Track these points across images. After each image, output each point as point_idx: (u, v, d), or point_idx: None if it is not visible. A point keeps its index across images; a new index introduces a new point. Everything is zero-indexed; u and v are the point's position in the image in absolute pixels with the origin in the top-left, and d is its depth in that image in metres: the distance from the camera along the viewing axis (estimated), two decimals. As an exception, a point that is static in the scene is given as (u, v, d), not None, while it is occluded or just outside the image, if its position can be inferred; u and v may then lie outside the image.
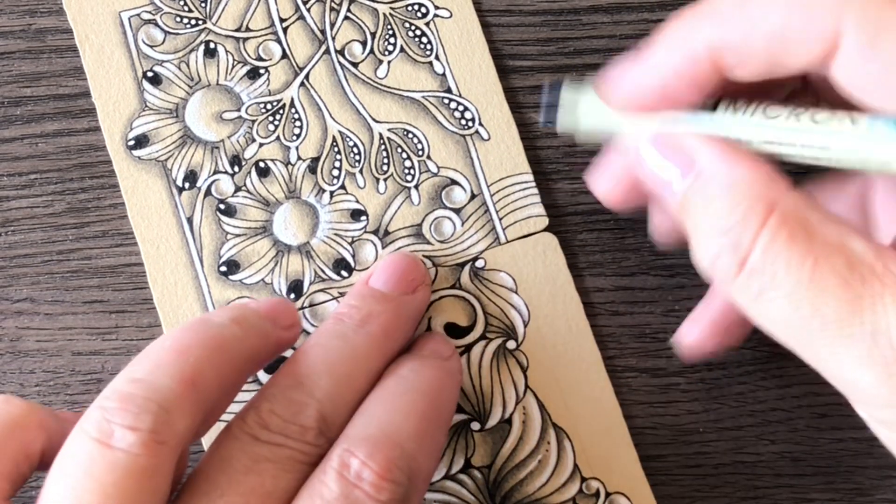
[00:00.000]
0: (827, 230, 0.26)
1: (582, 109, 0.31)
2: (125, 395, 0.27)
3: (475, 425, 0.37)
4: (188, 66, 0.40)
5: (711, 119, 0.29)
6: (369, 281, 0.36)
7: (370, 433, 0.30)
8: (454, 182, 0.39)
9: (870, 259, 0.25)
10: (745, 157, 0.28)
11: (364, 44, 0.40)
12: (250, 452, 0.29)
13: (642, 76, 0.30)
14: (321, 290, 0.38)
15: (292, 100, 0.40)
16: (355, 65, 0.40)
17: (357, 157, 0.39)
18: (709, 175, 0.28)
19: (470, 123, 0.40)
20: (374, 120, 0.40)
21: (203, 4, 0.40)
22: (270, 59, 0.40)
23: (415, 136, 0.40)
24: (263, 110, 0.40)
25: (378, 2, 0.41)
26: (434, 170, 0.39)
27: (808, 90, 0.32)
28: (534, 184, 0.39)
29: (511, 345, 0.38)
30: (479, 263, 0.39)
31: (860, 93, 0.27)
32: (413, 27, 0.41)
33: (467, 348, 0.38)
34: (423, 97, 0.40)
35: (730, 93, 0.30)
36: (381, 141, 0.40)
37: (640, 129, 0.30)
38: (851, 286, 0.25)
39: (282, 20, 0.41)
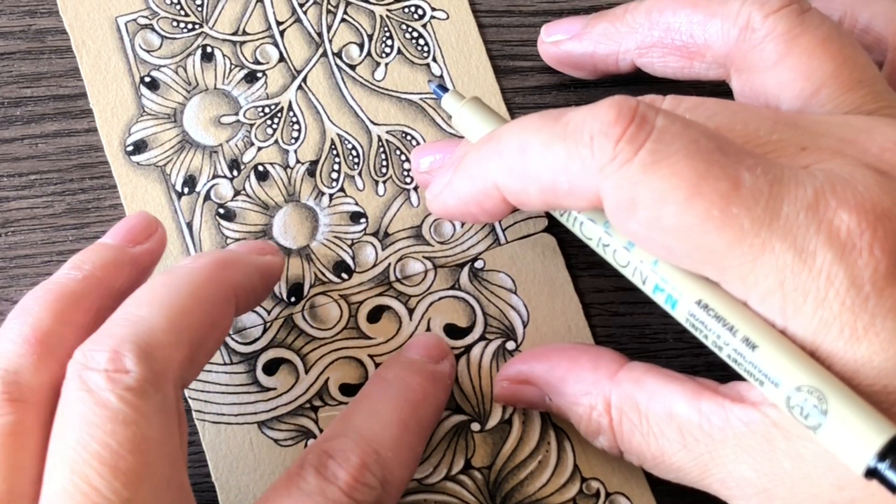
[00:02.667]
0: (655, 407, 0.32)
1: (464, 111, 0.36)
2: None
3: (475, 426, 0.37)
4: (185, 70, 0.40)
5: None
6: None
7: (348, 437, 0.31)
8: (453, 183, 0.39)
9: (695, 418, 0.31)
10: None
11: (361, 46, 0.40)
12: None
13: (448, 197, 0.34)
14: (321, 294, 0.38)
15: (290, 103, 0.40)
16: (353, 67, 0.40)
17: (356, 160, 0.39)
18: None
19: (468, 124, 0.40)
20: (372, 122, 0.40)
21: (199, 9, 0.40)
22: (268, 63, 0.40)
23: (413, 137, 0.40)
24: (261, 114, 0.40)
25: (375, 4, 0.41)
26: (433, 171, 0.39)
27: None
28: (533, 184, 0.39)
29: (510, 345, 0.38)
30: (479, 264, 0.39)
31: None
32: (410, 29, 0.41)
33: (467, 349, 0.38)
34: (420, 99, 0.40)
35: None
36: (380, 143, 0.39)
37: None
38: (689, 447, 0.31)
39: (278, 23, 0.40)
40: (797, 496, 0.29)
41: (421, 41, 0.41)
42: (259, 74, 0.40)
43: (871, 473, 0.26)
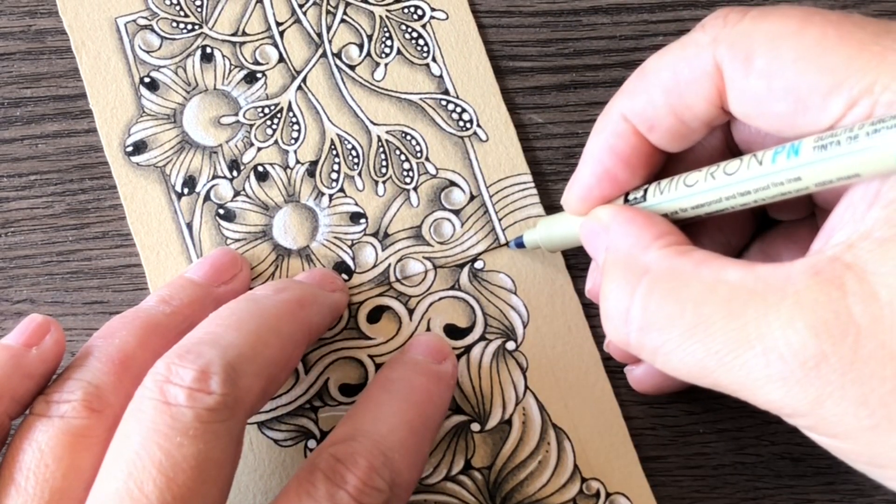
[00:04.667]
0: (702, 273, 0.28)
1: (540, 228, 0.37)
2: (63, 378, 0.31)
3: (475, 426, 0.37)
4: (185, 71, 0.40)
5: (645, 206, 0.32)
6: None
7: (356, 440, 0.31)
8: (453, 183, 0.39)
9: (749, 282, 0.27)
10: (636, 225, 0.31)
11: (361, 46, 0.40)
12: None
13: (582, 172, 0.33)
14: (321, 294, 0.38)
15: (290, 103, 0.40)
16: (352, 68, 0.40)
17: (356, 160, 0.39)
18: (611, 249, 0.31)
19: (468, 125, 0.40)
20: (372, 122, 0.40)
21: (199, 9, 0.40)
22: (267, 63, 0.40)
23: (413, 138, 0.40)
24: (261, 114, 0.40)
25: (374, 4, 0.41)
26: (433, 171, 0.39)
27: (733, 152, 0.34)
28: (533, 184, 0.39)
29: (510, 346, 0.38)
30: (479, 264, 0.39)
31: (757, 121, 0.29)
32: (410, 29, 0.41)
33: (467, 349, 0.38)
34: (420, 99, 0.40)
35: (666, 171, 0.33)
36: (380, 143, 0.39)
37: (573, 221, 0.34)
38: (735, 315, 0.26)
39: (278, 24, 0.40)
40: (860, 350, 0.25)
41: (420, 41, 0.41)
42: (259, 75, 0.40)
43: None
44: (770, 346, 0.26)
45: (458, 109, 0.40)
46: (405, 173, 0.39)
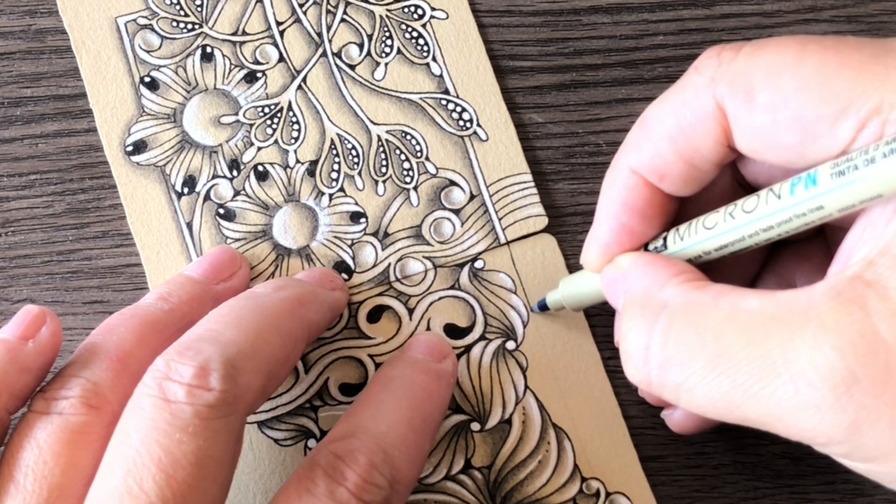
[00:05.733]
0: (721, 303, 0.27)
1: (562, 287, 0.36)
2: (61, 375, 0.31)
3: (475, 426, 0.37)
4: (185, 70, 0.40)
5: (667, 255, 0.31)
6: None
7: (356, 437, 0.31)
8: (453, 183, 0.39)
9: (770, 309, 0.26)
10: (654, 266, 0.30)
11: (361, 46, 0.40)
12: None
13: (598, 230, 0.33)
14: (321, 293, 0.38)
15: (290, 103, 0.40)
16: (352, 67, 0.40)
17: (356, 160, 0.39)
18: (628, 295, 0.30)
19: (468, 124, 0.40)
20: (372, 122, 0.40)
21: (199, 9, 0.40)
22: (267, 63, 0.40)
23: (413, 137, 0.40)
24: (261, 114, 0.40)
25: (374, 4, 0.41)
26: (433, 171, 0.39)
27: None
28: (533, 184, 0.39)
29: (510, 345, 0.38)
30: (479, 264, 0.39)
31: (766, 155, 0.29)
32: (410, 29, 0.41)
33: (467, 349, 0.38)
34: (420, 99, 0.40)
35: (680, 214, 0.33)
36: (380, 143, 0.39)
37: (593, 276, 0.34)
38: (758, 343, 0.25)
39: (278, 23, 0.40)
40: (892, 368, 0.24)
41: (421, 41, 0.41)
42: (259, 74, 0.40)
43: None
44: (797, 372, 0.25)
45: (458, 109, 0.40)
46: (405, 173, 0.39)
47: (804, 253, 0.34)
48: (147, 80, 0.40)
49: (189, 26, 0.40)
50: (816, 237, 0.34)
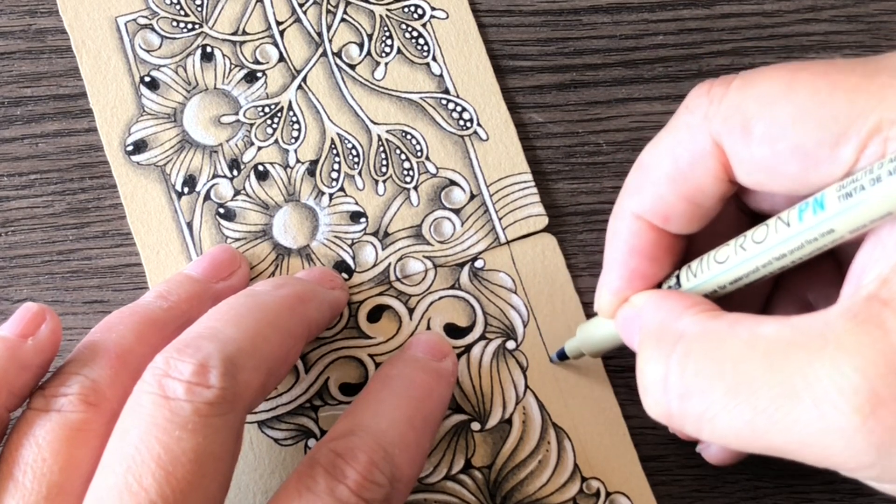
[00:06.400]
0: (737, 331, 0.27)
1: (579, 335, 0.36)
2: (60, 372, 0.31)
3: (475, 425, 0.37)
4: (185, 70, 0.40)
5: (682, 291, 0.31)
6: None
7: (356, 435, 0.31)
8: (453, 182, 0.39)
9: (787, 334, 0.26)
10: (668, 300, 0.30)
11: (361, 46, 0.40)
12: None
13: (609, 277, 0.32)
14: (321, 293, 0.38)
15: (290, 103, 0.40)
16: (353, 67, 0.40)
17: (356, 160, 0.39)
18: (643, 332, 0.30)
19: (468, 124, 0.40)
20: (372, 122, 0.40)
21: (199, 9, 0.40)
22: (268, 63, 0.40)
23: (413, 137, 0.40)
24: (261, 114, 0.40)
25: (374, 3, 0.41)
26: (433, 171, 0.39)
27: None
28: (533, 183, 0.39)
29: (511, 345, 0.38)
30: (479, 264, 0.39)
31: (769, 186, 0.28)
32: (410, 28, 0.41)
33: (467, 349, 0.38)
34: (420, 98, 0.40)
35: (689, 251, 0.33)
36: (380, 142, 0.39)
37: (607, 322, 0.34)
38: (777, 368, 0.25)
39: (278, 23, 0.40)
40: None
41: (421, 41, 0.41)
42: (259, 74, 0.40)
43: None
44: (820, 396, 0.24)
45: (459, 108, 0.40)
46: (405, 172, 0.39)
47: (815, 269, 0.34)
48: (147, 79, 0.40)
49: (189, 26, 0.40)
50: (826, 253, 0.34)
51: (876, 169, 0.25)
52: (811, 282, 0.34)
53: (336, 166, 0.39)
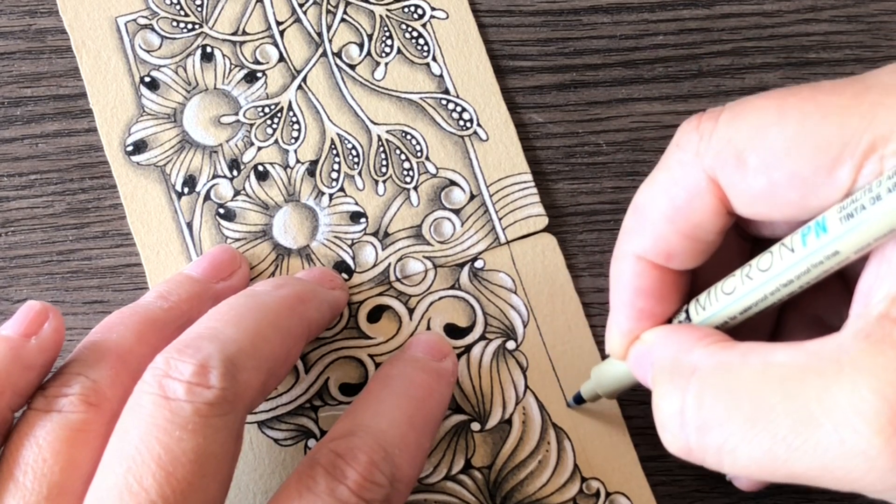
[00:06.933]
0: (751, 360, 0.26)
1: (594, 377, 0.35)
2: (60, 373, 0.31)
3: (475, 426, 0.37)
4: (185, 70, 0.40)
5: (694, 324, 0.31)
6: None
7: (356, 435, 0.31)
8: (453, 183, 0.39)
9: (801, 360, 0.25)
10: (678, 334, 0.30)
11: (361, 46, 0.40)
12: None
13: (617, 319, 0.32)
14: (321, 293, 0.38)
15: (290, 103, 0.40)
16: (353, 67, 0.40)
17: (356, 160, 0.39)
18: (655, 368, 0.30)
19: (468, 124, 0.40)
20: (372, 122, 0.40)
21: (199, 9, 0.40)
22: (267, 63, 0.40)
23: (413, 137, 0.40)
24: (261, 114, 0.40)
25: (374, 4, 0.41)
26: (433, 171, 0.39)
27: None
28: (533, 184, 0.39)
29: (511, 345, 0.38)
30: (479, 264, 0.39)
31: (769, 215, 0.28)
32: (410, 29, 0.41)
33: (467, 349, 0.38)
34: (420, 98, 0.40)
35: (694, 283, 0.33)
36: (380, 143, 0.39)
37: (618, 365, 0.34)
38: (794, 395, 0.25)
39: (278, 23, 0.40)
40: None
41: (421, 41, 0.41)
42: (259, 74, 0.40)
43: None
44: (840, 420, 0.24)
45: (459, 109, 0.40)
46: (405, 173, 0.39)
47: (821, 285, 0.34)
48: (147, 79, 0.40)
49: (189, 26, 0.40)
50: None
51: (875, 187, 0.25)
52: (818, 298, 0.34)
53: (336, 166, 0.39)
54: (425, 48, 0.40)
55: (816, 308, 0.34)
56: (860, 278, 0.27)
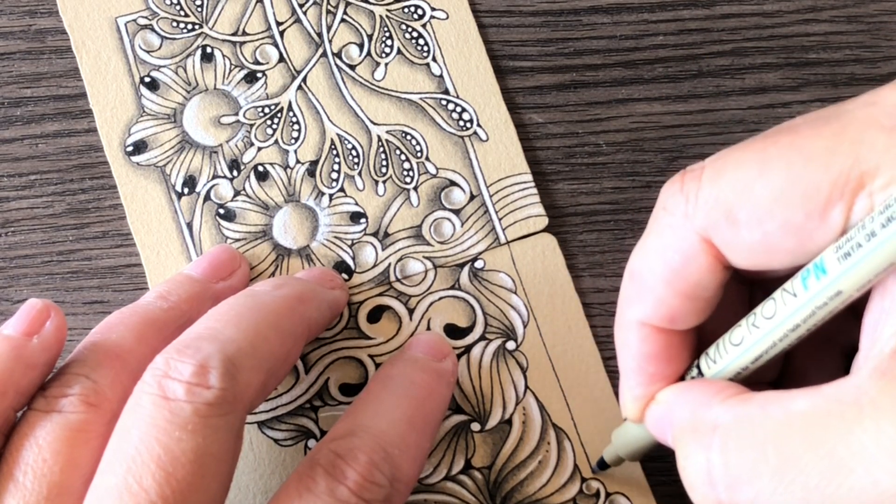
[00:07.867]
0: (771, 411, 0.26)
1: (615, 441, 0.35)
2: (60, 373, 0.31)
3: (475, 426, 0.37)
4: (185, 70, 0.40)
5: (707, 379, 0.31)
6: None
7: (356, 435, 0.31)
8: (453, 183, 0.39)
9: (820, 406, 0.25)
10: (694, 391, 0.29)
11: (361, 46, 0.40)
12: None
13: (628, 384, 0.32)
14: (321, 293, 0.38)
15: (290, 103, 0.40)
16: (353, 67, 0.40)
17: (356, 160, 0.39)
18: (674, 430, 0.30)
19: (468, 124, 0.40)
20: (372, 122, 0.40)
21: (199, 9, 0.40)
22: (267, 63, 0.40)
23: (413, 137, 0.40)
24: (261, 114, 0.40)
25: (374, 4, 0.41)
26: (433, 171, 0.39)
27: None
28: (533, 184, 0.39)
29: (511, 345, 0.38)
30: (479, 264, 0.39)
31: (768, 265, 0.28)
32: (410, 29, 0.41)
33: (467, 349, 0.38)
34: (420, 99, 0.40)
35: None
36: (380, 143, 0.39)
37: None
38: (819, 443, 0.25)
39: (278, 24, 0.40)
40: None
41: (421, 41, 0.41)
42: (259, 75, 0.40)
43: None
44: (871, 463, 0.24)
45: (459, 109, 0.40)
46: (405, 173, 0.39)
47: None
48: (147, 80, 0.40)
49: (189, 26, 0.40)
50: None
51: (868, 223, 0.25)
52: (826, 323, 0.34)
53: (336, 167, 0.39)
54: (425, 48, 0.40)
55: (826, 331, 0.34)
56: (865, 312, 0.27)
